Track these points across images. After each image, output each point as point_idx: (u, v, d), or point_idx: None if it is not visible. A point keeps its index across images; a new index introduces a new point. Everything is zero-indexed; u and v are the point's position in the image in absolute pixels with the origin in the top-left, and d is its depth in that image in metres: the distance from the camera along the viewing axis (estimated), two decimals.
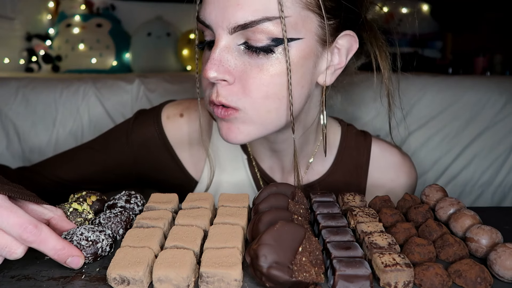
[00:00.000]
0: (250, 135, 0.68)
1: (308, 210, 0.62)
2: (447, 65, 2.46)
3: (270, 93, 0.65)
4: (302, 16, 0.64)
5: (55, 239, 0.50)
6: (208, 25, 0.65)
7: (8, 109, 1.33)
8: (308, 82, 0.68)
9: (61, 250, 0.50)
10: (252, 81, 0.64)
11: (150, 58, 2.24)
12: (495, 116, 1.32)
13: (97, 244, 0.53)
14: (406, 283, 0.47)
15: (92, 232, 0.54)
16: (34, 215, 0.56)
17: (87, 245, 0.52)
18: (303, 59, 0.66)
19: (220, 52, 0.64)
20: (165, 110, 0.88)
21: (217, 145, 0.87)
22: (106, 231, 0.56)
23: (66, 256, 0.50)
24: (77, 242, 0.52)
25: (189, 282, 0.47)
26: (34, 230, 0.49)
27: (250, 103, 0.65)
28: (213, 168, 0.86)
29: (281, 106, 0.66)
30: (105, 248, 0.54)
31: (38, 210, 0.57)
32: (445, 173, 1.34)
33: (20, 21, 2.19)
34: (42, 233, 0.49)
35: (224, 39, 0.64)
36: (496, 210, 0.92)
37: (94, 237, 0.53)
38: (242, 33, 0.63)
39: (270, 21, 0.62)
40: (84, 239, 0.53)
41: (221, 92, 0.65)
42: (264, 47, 0.63)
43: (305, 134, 0.79)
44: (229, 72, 0.64)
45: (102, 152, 0.88)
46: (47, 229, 0.50)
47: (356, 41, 0.70)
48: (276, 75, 0.64)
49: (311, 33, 0.66)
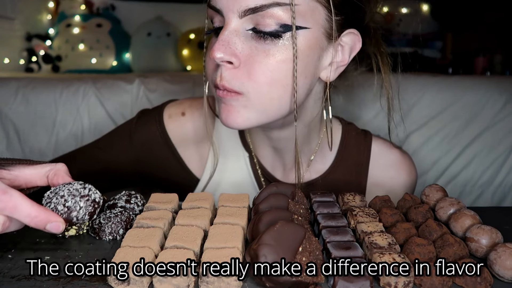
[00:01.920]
0: (249, 120, 0.69)
1: (308, 210, 0.62)
2: (447, 65, 2.46)
3: (275, 79, 0.65)
4: (311, 7, 0.65)
5: (28, 205, 0.48)
6: (219, 10, 0.66)
7: (8, 109, 1.33)
8: (311, 74, 0.69)
9: (36, 217, 0.48)
10: (258, 66, 0.65)
11: (150, 58, 2.24)
12: (495, 116, 1.32)
13: (71, 213, 0.51)
14: (406, 283, 0.47)
15: (73, 197, 0.52)
16: (33, 178, 0.56)
17: (62, 211, 0.51)
18: (308, 49, 0.67)
19: (228, 34, 0.65)
20: (167, 110, 0.89)
21: (219, 142, 0.88)
22: (92, 195, 0.54)
23: (43, 223, 0.48)
24: (54, 205, 0.51)
25: (189, 282, 0.47)
26: (1, 196, 0.47)
27: (254, 88, 0.66)
28: (217, 156, 0.86)
29: (284, 94, 0.67)
30: (82, 217, 0.52)
31: (34, 172, 0.56)
32: (445, 173, 1.34)
33: (20, 21, 2.19)
34: (12, 199, 0.47)
35: (234, 22, 0.65)
36: (496, 210, 0.92)
37: (71, 203, 0.51)
38: (252, 18, 0.64)
39: (280, 7, 0.63)
40: (61, 204, 0.51)
41: (225, 76, 0.66)
42: (272, 32, 0.64)
43: (306, 131, 0.80)
44: (235, 55, 0.65)
45: (106, 151, 0.89)
46: (17, 194, 0.48)
47: (360, 40, 0.71)
48: (281, 61, 0.65)
49: (318, 24, 0.67)
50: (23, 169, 0.56)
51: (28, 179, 0.56)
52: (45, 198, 0.53)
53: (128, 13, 2.44)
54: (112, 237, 0.59)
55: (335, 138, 0.88)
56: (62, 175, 0.57)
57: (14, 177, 0.55)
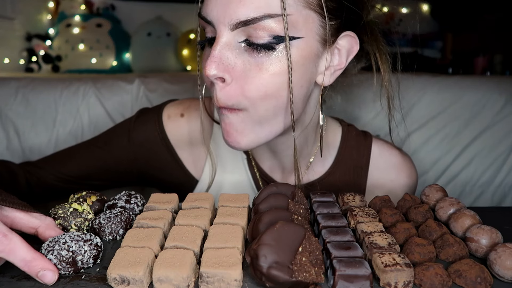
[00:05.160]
0: (251, 140, 0.69)
1: (308, 210, 0.62)
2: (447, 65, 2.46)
3: (269, 93, 0.65)
4: (304, 15, 0.64)
5: (25, 249, 0.48)
6: (210, 21, 0.65)
7: (8, 109, 1.33)
8: (307, 82, 0.68)
9: (31, 262, 0.48)
10: (251, 81, 0.64)
11: (150, 58, 2.24)
12: (495, 116, 1.32)
13: (77, 257, 0.50)
14: (406, 283, 0.47)
15: (76, 242, 0.51)
16: (21, 224, 0.55)
17: (67, 256, 0.50)
18: (303, 58, 0.66)
19: (220, 49, 0.64)
20: (166, 110, 0.89)
21: (217, 145, 0.87)
22: (94, 240, 0.53)
23: (37, 269, 0.48)
24: (57, 251, 0.50)
25: (189, 282, 0.47)
26: (2, 239, 0.47)
27: (249, 102, 0.65)
28: (215, 166, 0.86)
29: (280, 106, 0.66)
30: (87, 261, 0.51)
31: (25, 219, 0.55)
32: (445, 173, 1.34)
33: (20, 21, 2.19)
34: (11, 243, 0.48)
35: (225, 35, 0.64)
36: (496, 210, 0.92)
37: (75, 248, 0.50)
38: (244, 30, 0.63)
39: (272, 18, 0.62)
40: (65, 249, 0.50)
41: (220, 97, 0.66)
42: (265, 44, 0.63)
43: (304, 134, 0.80)
44: (228, 71, 0.64)
45: (104, 149, 0.89)
46: (17, 239, 0.48)
47: (357, 42, 0.70)
48: (276, 74, 0.64)
49: (312, 32, 0.66)
50: (14, 212, 0.55)
51: (16, 222, 0.55)
52: (44, 247, 0.51)
53: (128, 13, 2.44)
54: (112, 237, 0.59)
55: (335, 140, 0.87)
56: (54, 229, 0.56)
57: (3, 217, 0.54)
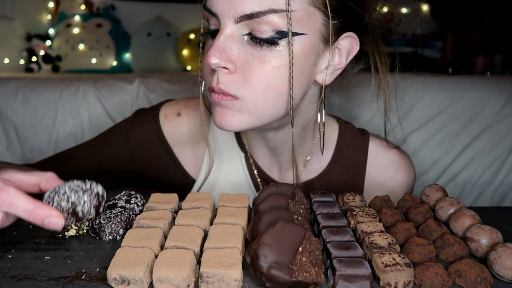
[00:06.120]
0: (243, 123, 0.68)
1: (308, 210, 0.62)
2: (447, 65, 2.46)
3: (270, 85, 0.65)
4: (308, 12, 0.65)
5: (25, 200, 0.49)
6: (214, 13, 0.66)
7: (8, 109, 1.33)
8: (306, 79, 0.69)
9: (33, 211, 0.49)
10: (253, 72, 0.65)
11: (150, 58, 2.24)
12: (495, 116, 1.32)
13: (76, 207, 0.51)
14: (406, 283, 0.47)
15: (75, 192, 0.52)
16: (24, 185, 0.56)
17: (66, 207, 0.50)
18: (304, 55, 0.66)
19: (224, 39, 0.64)
20: (163, 110, 0.89)
21: (215, 142, 0.87)
22: (95, 189, 0.53)
23: (41, 217, 0.49)
24: (57, 202, 0.51)
25: (189, 282, 0.47)
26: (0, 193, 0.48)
27: (249, 93, 0.66)
28: (212, 157, 0.86)
29: (279, 100, 0.67)
30: (87, 211, 0.52)
31: (25, 178, 0.56)
32: (445, 173, 1.34)
33: (20, 21, 2.19)
34: (9, 195, 0.49)
35: (229, 27, 0.64)
36: (496, 210, 0.92)
37: (74, 198, 0.51)
38: (247, 23, 0.63)
39: (276, 13, 0.62)
40: (65, 200, 0.51)
41: (222, 80, 0.66)
42: (268, 39, 0.63)
43: (302, 132, 0.80)
44: (231, 61, 0.65)
45: (103, 150, 0.89)
46: (14, 191, 0.49)
47: (357, 43, 0.71)
48: (277, 67, 0.65)
49: (315, 30, 0.66)
50: (14, 174, 0.56)
51: (19, 184, 0.56)
52: (45, 198, 0.52)
53: (128, 13, 2.44)
54: (112, 237, 0.59)
55: (332, 138, 0.87)
56: (55, 181, 0.57)
57: (5, 180, 0.55)
